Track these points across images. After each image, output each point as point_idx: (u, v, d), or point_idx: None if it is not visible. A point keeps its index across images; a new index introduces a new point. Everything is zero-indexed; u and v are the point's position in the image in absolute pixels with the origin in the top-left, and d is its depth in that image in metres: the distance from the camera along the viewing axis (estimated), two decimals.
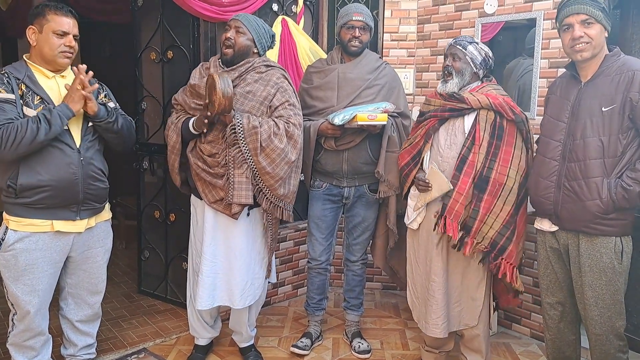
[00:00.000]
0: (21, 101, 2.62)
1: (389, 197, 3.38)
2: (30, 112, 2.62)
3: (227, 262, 3.08)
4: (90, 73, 2.75)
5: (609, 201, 2.45)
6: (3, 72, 2.67)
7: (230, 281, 3.09)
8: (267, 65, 3.10)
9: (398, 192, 3.32)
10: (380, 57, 3.56)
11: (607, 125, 2.47)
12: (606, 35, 2.51)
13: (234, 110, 2.88)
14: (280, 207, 3.05)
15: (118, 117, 2.91)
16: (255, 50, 3.10)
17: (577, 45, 2.52)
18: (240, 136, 2.87)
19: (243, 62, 3.03)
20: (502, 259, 2.87)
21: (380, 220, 3.53)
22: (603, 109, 2.47)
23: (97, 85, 2.80)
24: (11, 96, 2.60)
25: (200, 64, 3.22)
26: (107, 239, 3.05)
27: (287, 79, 3.13)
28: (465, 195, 2.82)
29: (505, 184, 2.81)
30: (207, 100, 2.83)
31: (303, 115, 3.26)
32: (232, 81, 2.92)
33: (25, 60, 2.76)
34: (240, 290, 3.10)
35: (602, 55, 2.53)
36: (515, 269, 2.89)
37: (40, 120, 2.56)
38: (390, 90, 3.40)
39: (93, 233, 2.93)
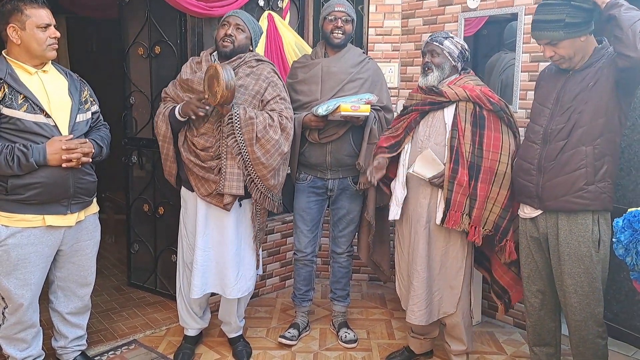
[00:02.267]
0: (0, 105, 2.58)
1: (369, 189, 3.42)
2: (14, 113, 2.59)
3: (219, 252, 3.14)
4: (74, 141, 2.72)
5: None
6: None
7: (222, 271, 3.15)
8: (258, 60, 3.16)
9: (375, 184, 3.38)
10: (363, 52, 3.61)
11: (591, 98, 2.54)
12: (582, 39, 2.55)
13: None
14: (268, 197, 3.11)
15: (104, 139, 2.96)
16: (251, 48, 3.18)
17: (555, 61, 2.64)
18: (236, 126, 2.92)
19: (235, 57, 3.08)
20: (506, 240, 2.96)
21: (363, 213, 3.59)
22: (589, 85, 2.54)
23: (89, 147, 2.78)
24: None
25: (191, 58, 3.26)
26: (95, 232, 3.08)
27: (276, 73, 3.20)
28: (465, 186, 2.89)
29: (497, 169, 2.89)
30: (207, 91, 2.86)
31: None
32: None
33: (4, 57, 2.71)
34: (233, 280, 3.15)
35: (590, 49, 2.60)
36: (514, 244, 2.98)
37: (14, 159, 2.56)
38: (373, 84, 3.45)
39: (82, 226, 2.95)
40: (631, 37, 2.32)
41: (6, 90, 2.61)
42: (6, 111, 2.59)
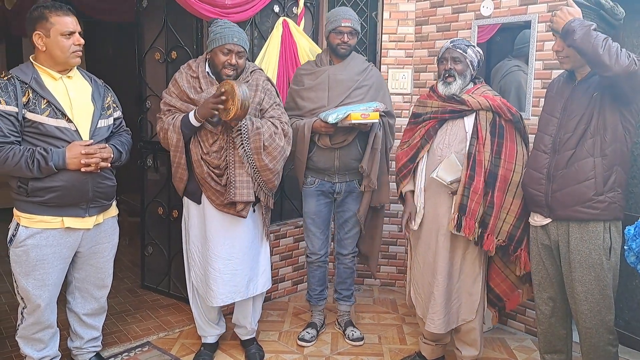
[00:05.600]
0: (24, 109, 2.63)
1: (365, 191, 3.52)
2: (36, 118, 2.64)
3: (240, 258, 3.21)
4: (94, 146, 2.77)
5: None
6: (9, 76, 2.67)
7: (247, 274, 3.24)
8: (252, 71, 3.23)
9: (375, 187, 3.47)
10: (366, 59, 3.68)
11: (595, 108, 2.56)
12: None
13: None
14: (270, 196, 3.23)
15: (125, 144, 3.01)
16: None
17: (559, 58, 2.69)
18: (244, 137, 2.98)
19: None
20: (521, 250, 2.98)
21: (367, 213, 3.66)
22: (594, 95, 2.57)
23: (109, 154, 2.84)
24: (11, 109, 2.60)
25: (183, 70, 3.20)
26: (114, 235, 3.13)
27: (269, 81, 3.29)
28: (480, 194, 2.91)
29: (512, 179, 2.92)
30: (220, 105, 2.88)
31: (295, 115, 3.47)
32: None
33: (31, 62, 2.76)
34: (258, 277, 3.29)
35: None
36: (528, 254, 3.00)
37: (34, 162, 2.60)
38: (377, 90, 3.54)
39: (101, 229, 3.00)
40: (607, 60, 2.36)
41: (30, 95, 2.66)
42: (29, 115, 2.64)
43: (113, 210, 3.10)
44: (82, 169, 2.72)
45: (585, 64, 2.61)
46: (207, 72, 3.14)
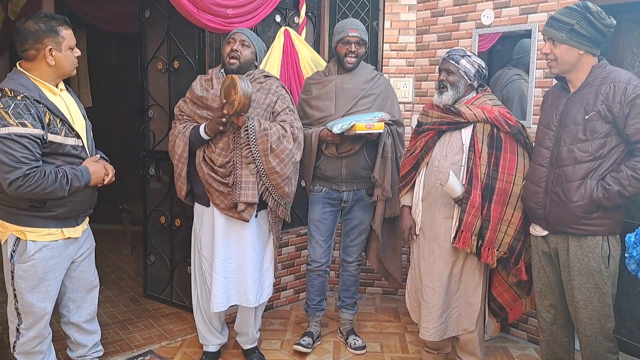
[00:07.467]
0: (48, 132, 2.58)
1: (379, 201, 3.51)
2: (57, 139, 2.60)
3: (240, 264, 3.20)
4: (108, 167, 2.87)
5: (590, 201, 2.55)
6: (22, 95, 2.52)
7: (244, 281, 3.21)
8: (265, 76, 3.27)
9: (389, 196, 3.46)
10: (375, 69, 3.69)
11: (590, 131, 2.57)
12: (581, 52, 2.60)
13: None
14: (282, 205, 3.20)
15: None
16: (256, 64, 3.26)
17: (547, 62, 2.70)
18: (251, 137, 3.00)
19: (245, 74, 3.15)
20: (522, 262, 2.98)
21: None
22: (586, 117, 2.57)
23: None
24: (38, 132, 2.52)
25: (199, 76, 3.32)
26: (91, 237, 3.09)
27: (284, 87, 3.31)
28: (477, 207, 2.91)
29: (512, 191, 2.91)
30: (224, 101, 2.92)
31: (304, 124, 3.45)
32: None
33: (26, 75, 2.64)
34: (255, 289, 3.23)
35: (587, 68, 2.63)
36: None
37: (68, 183, 2.61)
38: (385, 99, 3.54)
39: (84, 235, 2.98)
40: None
41: (50, 115, 2.59)
42: (51, 137, 2.59)
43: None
44: (99, 185, 2.80)
45: (574, 68, 2.64)
46: (221, 72, 3.22)
